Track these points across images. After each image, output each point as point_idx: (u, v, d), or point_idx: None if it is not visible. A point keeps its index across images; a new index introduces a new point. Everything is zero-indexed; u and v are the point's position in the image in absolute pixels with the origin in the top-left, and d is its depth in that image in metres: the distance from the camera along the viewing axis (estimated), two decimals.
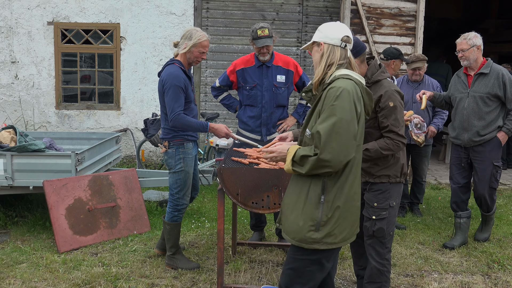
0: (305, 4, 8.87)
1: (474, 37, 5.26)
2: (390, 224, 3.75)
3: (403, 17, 8.31)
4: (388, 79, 3.76)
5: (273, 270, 4.75)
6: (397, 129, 3.61)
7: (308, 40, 8.91)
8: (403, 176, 3.76)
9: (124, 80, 8.89)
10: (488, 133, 5.26)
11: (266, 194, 4.08)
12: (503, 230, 6.04)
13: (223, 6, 8.82)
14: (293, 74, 5.29)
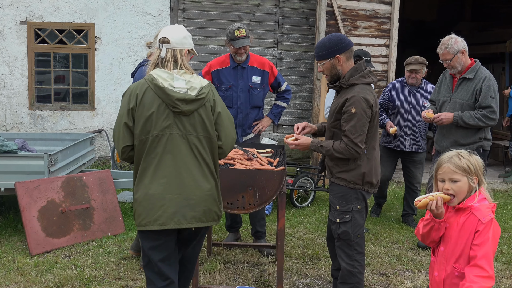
0: (282, 6, 8.90)
1: (455, 43, 4.92)
2: (356, 226, 3.73)
3: (378, 19, 8.39)
4: (365, 85, 3.65)
5: (248, 271, 4.75)
6: (353, 136, 3.56)
7: (285, 41, 8.95)
8: (366, 185, 3.69)
9: (99, 80, 8.80)
10: (468, 144, 4.90)
11: (241, 194, 4.08)
12: None
13: (200, 6, 8.80)
14: (268, 75, 5.29)
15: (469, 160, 2.74)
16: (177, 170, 3.09)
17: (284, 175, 4.11)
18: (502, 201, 7.67)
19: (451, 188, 2.74)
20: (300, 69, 9.05)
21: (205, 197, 3.14)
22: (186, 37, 3.28)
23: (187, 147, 3.10)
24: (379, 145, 4.27)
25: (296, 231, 5.97)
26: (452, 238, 2.78)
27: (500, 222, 6.57)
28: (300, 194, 7.06)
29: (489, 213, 2.71)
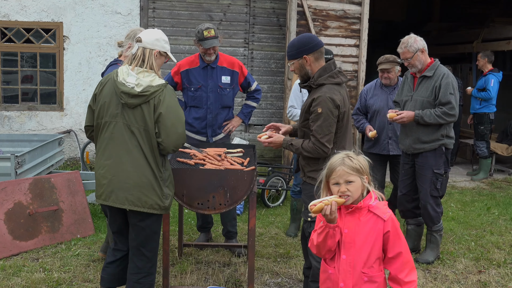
0: (252, 6, 8.90)
1: (414, 42, 4.99)
2: None
3: (348, 19, 8.46)
4: (334, 85, 3.67)
5: (219, 271, 4.74)
6: (319, 136, 3.60)
7: (256, 41, 8.96)
8: None
9: (68, 80, 8.67)
10: (430, 142, 4.97)
11: (211, 194, 4.07)
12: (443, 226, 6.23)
13: (170, 6, 8.74)
14: (238, 75, 5.27)
15: (359, 160, 2.78)
16: (118, 154, 3.47)
17: (254, 175, 4.11)
18: (470, 199, 7.82)
19: (347, 189, 2.73)
20: (271, 69, 9.07)
21: (140, 183, 3.45)
22: (158, 39, 3.54)
23: (129, 136, 3.45)
24: (365, 152, 4.25)
25: (267, 230, 5.98)
26: (356, 242, 2.76)
27: (468, 219, 6.70)
28: (271, 194, 7.07)
29: (387, 209, 2.78)
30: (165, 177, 3.59)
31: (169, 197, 3.61)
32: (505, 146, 9.74)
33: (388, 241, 2.74)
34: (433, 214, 5.08)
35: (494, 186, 8.79)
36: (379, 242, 2.76)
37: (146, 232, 3.58)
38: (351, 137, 3.87)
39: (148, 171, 3.47)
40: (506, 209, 7.27)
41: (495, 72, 9.05)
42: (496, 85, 8.94)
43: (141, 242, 3.59)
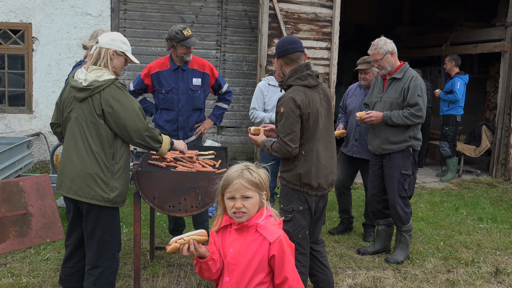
0: (224, 8, 8.91)
1: (384, 44, 5.08)
2: (298, 227, 3.80)
3: (319, 22, 8.53)
4: (301, 86, 3.72)
5: (191, 273, 4.72)
6: (282, 135, 3.66)
7: (228, 43, 8.96)
8: (304, 186, 3.74)
9: (37, 82, 8.54)
10: (398, 143, 5.04)
11: (183, 197, 4.05)
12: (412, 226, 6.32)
13: (141, 8, 8.69)
14: (209, 77, 5.28)
15: (259, 174, 2.57)
16: (68, 146, 3.66)
17: None
18: (439, 199, 7.95)
19: (243, 205, 2.50)
20: (244, 71, 9.08)
21: (82, 174, 3.59)
22: (114, 39, 3.68)
23: (78, 128, 3.62)
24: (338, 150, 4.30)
25: None
26: (240, 264, 2.53)
27: (437, 219, 6.81)
28: None
29: (276, 230, 2.53)
30: (114, 170, 3.68)
31: (115, 190, 3.68)
32: (473, 147, 9.94)
33: (274, 266, 2.51)
34: (402, 214, 5.15)
35: (463, 186, 8.96)
36: (264, 265, 2.52)
37: (91, 224, 3.70)
38: (327, 139, 3.87)
39: (93, 162, 3.60)
40: (474, 209, 7.42)
41: (461, 75, 9.25)
42: (462, 87, 9.14)
43: (88, 233, 3.73)
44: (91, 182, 3.60)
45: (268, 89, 5.72)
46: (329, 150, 3.88)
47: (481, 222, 6.77)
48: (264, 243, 2.51)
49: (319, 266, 4.04)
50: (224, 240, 2.60)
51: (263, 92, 5.72)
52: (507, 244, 5.89)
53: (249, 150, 9.17)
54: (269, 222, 2.55)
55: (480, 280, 4.83)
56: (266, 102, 5.69)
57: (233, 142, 9.14)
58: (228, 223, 2.60)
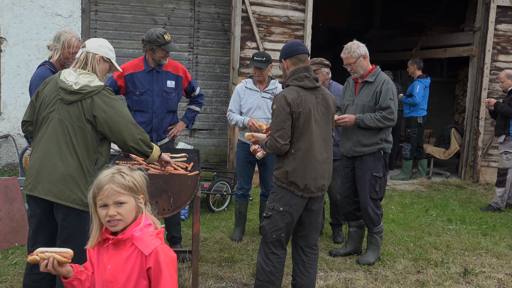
0: (197, 10, 8.88)
1: (357, 48, 5.13)
2: (274, 226, 3.86)
3: (292, 25, 8.58)
4: (297, 87, 3.82)
5: None
6: (272, 131, 3.80)
7: (200, 46, 8.94)
8: (291, 185, 3.81)
9: (5, 83, 8.38)
10: (369, 145, 5.10)
11: (155, 200, 4.02)
12: (383, 228, 6.40)
13: (113, 9, 8.61)
14: (182, 80, 5.27)
15: (133, 176, 2.39)
16: (49, 148, 3.55)
17: (198, 180, 4.10)
18: (409, 201, 8.06)
19: (118, 213, 2.32)
20: (216, 74, 9.07)
21: (65, 177, 3.51)
22: (102, 45, 3.73)
23: (62, 131, 3.56)
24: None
25: (212, 235, 5.97)
26: (118, 281, 2.35)
27: (407, 221, 6.91)
28: (216, 199, 7.07)
29: (153, 241, 2.33)
30: (95, 175, 3.58)
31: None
32: (442, 150, 10.11)
33: (151, 280, 2.32)
34: (373, 216, 5.21)
35: (432, 188, 9.10)
36: (143, 279, 2.34)
37: (68, 230, 3.62)
38: (321, 144, 3.91)
39: (76, 166, 3.54)
40: (443, 210, 7.54)
41: (422, 78, 9.47)
42: (421, 90, 9.37)
43: (64, 239, 3.63)
44: (73, 186, 3.53)
45: (245, 92, 5.71)
46: (323, 155, 3.92)
47: (450, 223, 6.89)
48: (140, 256, 2.33)
49: (302, 271, 4.07)
50: (102, 256, 2.42)
51: (239, 94, 5.72)
52: (475, 244, 6.00)
53: (222, 152, 9.16)
54: (145, 233, 2.35)
55: (449, 281, 4.91)
56: (242, 104, 5.68)
57: (206, 144, 9.11)
58: (105, 237, 2.41)
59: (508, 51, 9.42)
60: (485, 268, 5.28)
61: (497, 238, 6.27)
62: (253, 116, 5.60)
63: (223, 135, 9.15)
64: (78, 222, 3.62)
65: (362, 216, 5.31)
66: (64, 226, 3.61)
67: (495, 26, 9.29)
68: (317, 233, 4.16)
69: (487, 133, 9.46)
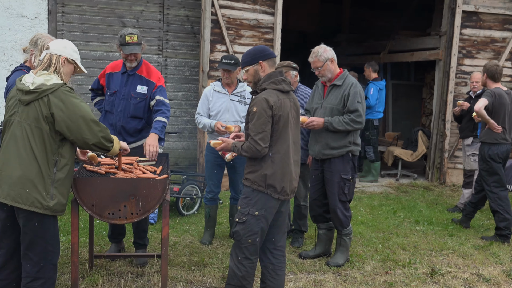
0: (166, 13, 8.83)
1: (324, 51, 5.15)
2: (249, 231, 3.85)
3: (261, 28, 8.60)
4: (274, 90, 3.83)
5: (132, 282, 4.64)
6: (253, 133, 3.76)
7: (170, 48, 8.89)
8: (269, 188, 3.82)
9: None
10: (338, 148, 5.14)
11: (123, 204, 3.99)
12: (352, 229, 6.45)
13: (80, 10, 8.49)
14: (153, 86, 5.10)
15: None
16: (9, 151, 3.55)
17: (167, 183, 4.07)
18: (378, 203, 8.16)
19: None
20: (186, 77, 9.03)
21: (22, 180, 3.48)
22: (66, 47, 3.71)
23: (21, 133, 3.53)
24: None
25: (182, 239, 5.93)
26: None
27: (376, 222, 6.99)
28: (186, 202, 7.03)
29: None
30: (55, 177, 3.58)
31: (55, 198, 3.58)
32: (410, 152, 10.26)
33: None
34: (342, 218, 5.25)
35: (400, 190, 9.23)
36: None
37: (30, 235, 3.58)
38: (294, 147, 3.95)
39: (34, 168, 3.50)
40: (411, 212, 7.65)
41: (377, 80, 9.64)
42: (375, 93, 9.55)
43: (27, 245, 3.59)
44: (31, 188, 3.49)
45: (213, 95, 5.68)
46: (295, 158, 3.98)
47: (417, 224, 6.99)
48: None
49: (272, 274, 4.07)
50: None
51: (208, 97, 5.69)
52: (442, 245, 6.11)
53: (192, 156, 9.12)
54: None
55: (416, 281, 4.99)
56: (211, 107, 5.65)
57: (176, 148, 9.06)
58: None
59: (473, 55, 9.63)
60: (451, 268, 5.38)
61: (463, 239, 6.39)
62: (221, 119, 5.58)
63: (192, 138, 9.11)
64: (40, 227, 3.56)
65: (331, 218, 5.35)
66: (26, 231, 3.56)
67: (460, 31, 9.48)
68: (285, 235, 4.17)
69: (453, 136, 9.63)
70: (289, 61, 5.88)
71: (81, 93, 8.55)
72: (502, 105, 6.39)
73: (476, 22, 9.57)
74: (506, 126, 6.44)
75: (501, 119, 6.40)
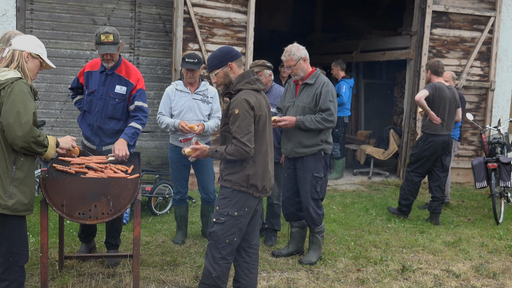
0: (138, 11, 8.75)
1: (297, 50, 5.19)
2: (227, 231, 3.83)
3: (234, 27, 8.59)
4: (251, 90, 3.81)
5: (103, 282, 4.59)
6: (239, 135, 3.72)
7: (142, 47, 8.81)
8: (251, 187, 3.82)
9: None
10: (310, 146, 5.18)
11: (93, 204, 3.95)
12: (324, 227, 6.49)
13: (50, 8, 8.35)
14: (132, 87, 5.03)
15: None
16: None
17: (138, 183, 4.04)
18: (350, 201, 8.23)
19: None
20: (158, 75, 8.96)
21: None
22: (29, 42, 3.63)
23: None
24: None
25: (154, 239, 5.89)
26: None
27: (348, 220, 7.05)
28: (159, 201, 6.98)
29: None
30: (14, 176, 3.51)
31: (14, 197, 3.51)
32: (382, 150, 10.37)
33: None
34: (315, 216, 5.28)
35: (372, 188, 9.33)
36: None
37: (4, 240, 3.51)
38: (269, 145, 3.97)
39: None
40: (382, 209, 7.73)
41: (347, 78, 9.77)
42: (348, 90, 9.67)
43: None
44: None
45: (175, 94, 5.61)
46: (271, 155, 4.01)
47: (389, 222, 7.07)
48: None
49: (246, 273, 4.07)
50: None
51: (170, 96, 5.61)
52: (413, 242, 6.19)
53: (164, 155, 9.05)
54: None
55: (388, 278, 5.04)
56: (173, 107, 5.59)
57: (148, 147, 8.99)
58: None
59: (443, 54, 9.78)
60: (422, 264, 5.46)
61: (433, 235, 6.49)
62: (184, 118, 5.53)
63: (165, 137, 9.04)
64: (4, 227, 3.51)
65: (304, 216, 5.37)
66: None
67: (430, 31, 9.62)
68: (258, 232, 4.19)
69: None
70: (263, 60, 5.90)
71: (51, 91, 8.42)
72: (441, 98, 6.83)
73: (446, 22, 9.72)
74: (445, 119, 6.89)
75: (440, 111, 6.85)
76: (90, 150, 4.99)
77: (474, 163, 7.36)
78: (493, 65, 9.92)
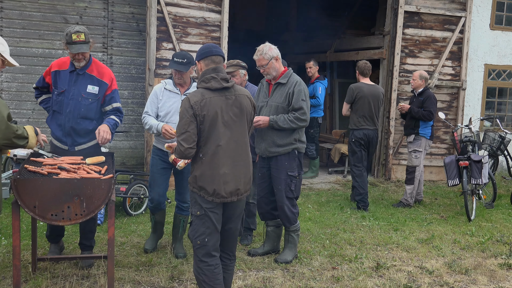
0: (111, 10, 8.67)
1: (269, 50, 5.16)
2: (196, 232, 3.79)
3: (208, 26, 8.57)
4: (204, 89, 3.74)
5: (78, 284, 4.53)
6: (177, 134, 3.75)
7: (115, 46, 8.73)
8: (201, 190, 3.73)
9: None
10: (284, 145, 5.18)
11: (66, 205, 3.90)
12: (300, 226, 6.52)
13: (20, 6, 8.22)
14: (106, 87, 4.94)
15: None
16: None
17: (112, 183, 4.00)
18: (325, 200, 8.28)
19: None
20: (132, 75, 8.89)
21: None
22: None
23: None
24: None
25: (129, 239, 5.84)
26: None
27: (323, 219, 7.09)
28: (133, 202, 6.92)
29: None
30: None
31: None
32: None
33: None
34: (290, 214, 5.30)
35: (347, 186, 9.39)
36: None
37: None
38: (233, 147, 3.80)
39: None
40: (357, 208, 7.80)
41: (321, 79, 9.85)
42: (323, 91, 9.79)
43: None
44: None
45: (163, 93, 5.24)
46: (234, 159, 3.80)
47: (364, 220, 7.14)
48: None
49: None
50: None
51: (157, 96, 5.26)
52: (387, 239, 6.26)
53: (139, 155, 8.99)
54: None
55: (362, 275, 5.09)
56: (160, 107, 5.23)
57: (122, 147, 8.91)
58: None
59: (416, 54, 9.91)
60: (396, 261, 5.52)
61: (407, 233, 6.57)
62: (170, 120, 5.17)
63: (140, 137, 8.98)
64: None
65: (279, 215, 5.39)
66: None
67: (403, 30, 9.74)
68: (235, 240, 4.05)
69: (397, 133, 9.88)
70: (238, 60, 5.85)
71: (22, 91, 8.29)
72: (361, 97, 7.57)
73: (418, 22, 9.85)
74: (366, 114, 7.57)
75: (359, 107, 7.58)
76: (61, 150, 4.90)
77: (446, 161, 7.48)
78: (464, 64, 10.09)
